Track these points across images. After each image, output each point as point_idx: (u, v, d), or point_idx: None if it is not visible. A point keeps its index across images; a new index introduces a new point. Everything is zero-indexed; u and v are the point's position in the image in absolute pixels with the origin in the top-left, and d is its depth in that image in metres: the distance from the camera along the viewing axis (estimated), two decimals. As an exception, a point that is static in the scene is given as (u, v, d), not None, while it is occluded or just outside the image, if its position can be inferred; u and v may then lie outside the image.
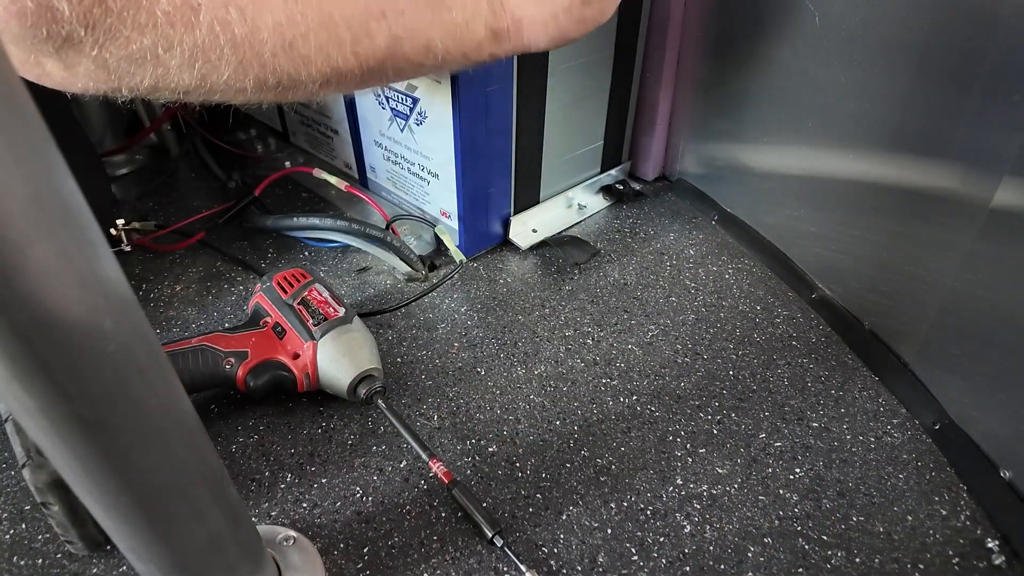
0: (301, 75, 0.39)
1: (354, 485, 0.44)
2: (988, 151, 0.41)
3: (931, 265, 0.47)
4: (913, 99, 0.46)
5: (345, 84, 0.41)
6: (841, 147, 0.54)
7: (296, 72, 0.38)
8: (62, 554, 0.40)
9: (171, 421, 0.23)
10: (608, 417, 0.49)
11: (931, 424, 0.48)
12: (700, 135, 0.71)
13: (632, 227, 0.70)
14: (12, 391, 0.18)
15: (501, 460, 0.46)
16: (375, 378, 0.48)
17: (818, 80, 0.54)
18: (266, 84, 0.38)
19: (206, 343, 0.47)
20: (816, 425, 0.49)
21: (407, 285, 0.62)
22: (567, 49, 0.60)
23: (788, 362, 0.54)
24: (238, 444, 0.47)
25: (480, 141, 0.57)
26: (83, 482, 0.22)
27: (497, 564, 0.40)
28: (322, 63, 0.39)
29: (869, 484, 0.44)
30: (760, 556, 0.40)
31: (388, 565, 0.40)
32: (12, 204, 0.15)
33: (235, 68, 0.37)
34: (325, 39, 0.38)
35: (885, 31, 0.47)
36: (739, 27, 0.61)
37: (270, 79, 0.38)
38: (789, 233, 0.62)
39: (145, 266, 0.64)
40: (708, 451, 0.47)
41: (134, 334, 0.20)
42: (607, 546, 0.41)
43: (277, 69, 0.38)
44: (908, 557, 0.40)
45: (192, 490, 0.25)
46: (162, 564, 0.26)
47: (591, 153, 0.72)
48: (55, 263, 0.17)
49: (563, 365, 0.54)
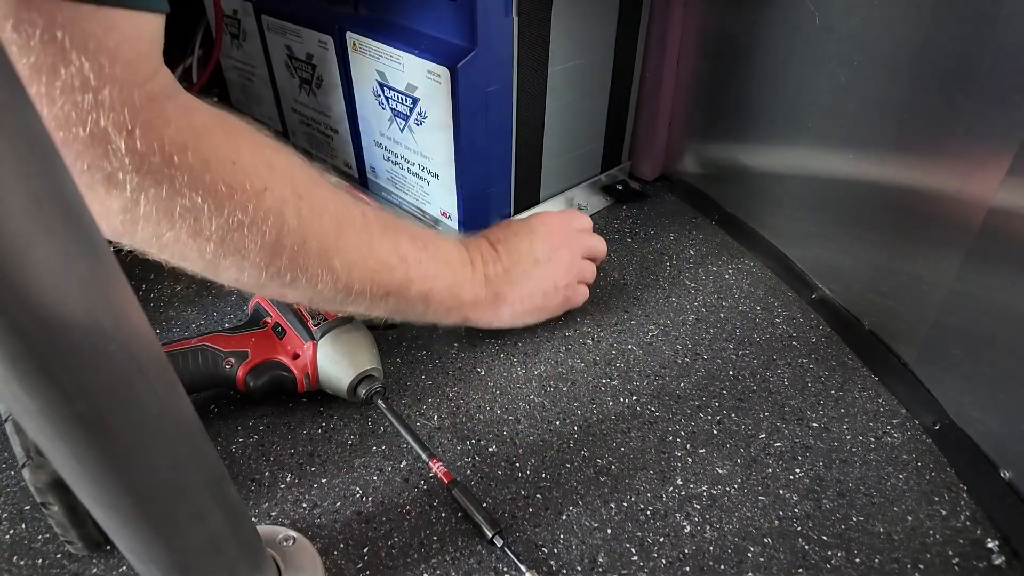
0: (318, 283, 0.39)
1: (354, 485, 0.44)
2: (987, 151, 0.41)
3: (931, 265, 0.47)
4: (913, 99, 0.46)
5: (350, 300, 0.42)
6: (841, 147, 0.54)
7: (314, 278, 0.39)
8: (62, 554, 0.40)
9: (171, 421, 0.23)
10: (608, 417, 0.49)
11: (931, 424, 0.48)
12: (700, 135, 0.71)
13: (632, 227, 0.70)
14: (12, 391, 0.18)
15: (501, 460, 0.46)
16: (375, 378, 0.48)
17: (818, 80, 0.54)
18: (279, 277, 0.38)
19: (206, 343, 0.47)
20: (816, 425, 0.49)
21: (407, 285, 0.62)
22: (567, 49, 0.60)
23: (788, 362, 0.54)
24: (238, 444, 0.47)
25: (480, 141, 0.57)
26: (83, 482, 0.22)
27: (497, 564, 0.40)
28: (342, 278, 0.40)
29: (869, 484, 0.44)
30: (760, 556, 0.40)
31: (388, 565, 0.40)
32: (12, 204, 0.15)
33: (263, 255, 0.36)
34: (358, 259, 0.40)
35: (885, 31, 0.47)
36: (739, 27, 0.61)
37: (287, 276, 0.38)
38: (789, 233, 0.62)
39: (145, 266, 0.63)
40: (708, 451, 0.47)
41: (134, 334, 0.20)
42: (607, 546, 0.41)
43: (300, 269, 0.38)
44: (908, 557, 0.40)
45: (192, 490, 0.25)
46: (162, 564, 0.26)
47: (591, 153, 0.72)
48: (55, 263, 0.17)
49: (563, 365, 0.54)
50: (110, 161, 0.30)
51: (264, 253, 0.36)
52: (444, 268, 0.46)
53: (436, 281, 0.45)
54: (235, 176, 0.34)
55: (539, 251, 0.52)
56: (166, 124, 0.31)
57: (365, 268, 0.41)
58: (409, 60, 0.55)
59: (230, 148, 0.34)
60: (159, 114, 0.31)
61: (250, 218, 0.35)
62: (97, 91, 0.28)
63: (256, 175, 0.35)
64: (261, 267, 0.37)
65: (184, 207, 0.33)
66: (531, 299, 0.52)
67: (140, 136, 0.30)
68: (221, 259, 0.36)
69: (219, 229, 0.34)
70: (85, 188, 0.31)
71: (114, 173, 0.30)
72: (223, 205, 0.34)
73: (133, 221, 0.33)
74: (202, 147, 0.33)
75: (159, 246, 0.34)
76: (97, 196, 0.31)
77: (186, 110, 0.33)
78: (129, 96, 0.30)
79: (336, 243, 0.39)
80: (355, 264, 0.40)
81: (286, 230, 0.36)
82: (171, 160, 0.31)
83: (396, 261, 0.43)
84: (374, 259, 0.41)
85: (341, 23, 0.59)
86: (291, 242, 0.37)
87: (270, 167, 0.36)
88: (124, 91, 0.29)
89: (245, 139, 0.36)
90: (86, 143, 0.29)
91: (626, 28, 0.66)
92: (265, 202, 0.35)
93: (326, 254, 0.39)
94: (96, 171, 0.30)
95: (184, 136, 0.32)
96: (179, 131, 0.32)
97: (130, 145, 0.30)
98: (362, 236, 0.41)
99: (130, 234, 0.34)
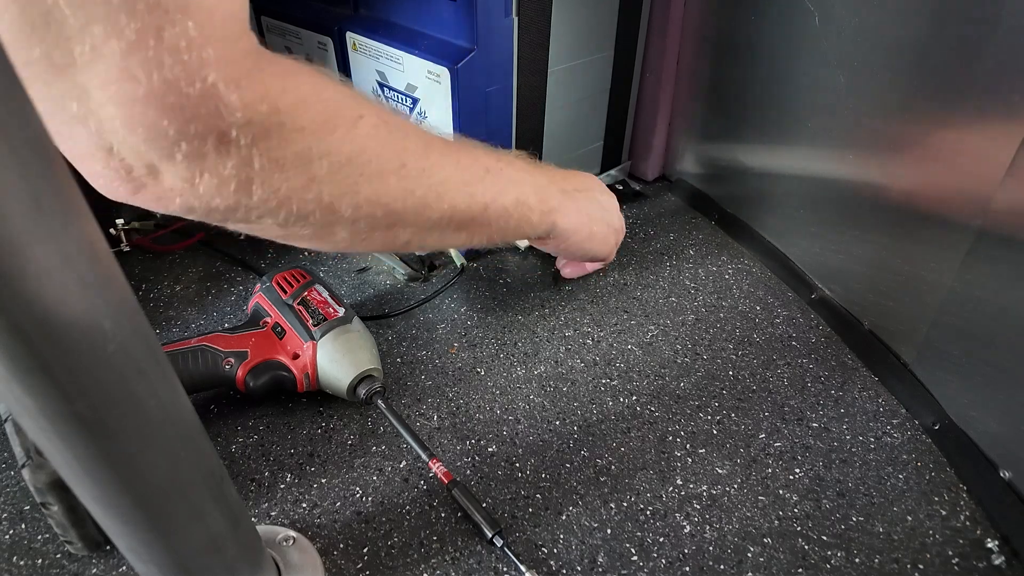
0: (424, 209, 0.39)
1: (354, 485, 0.44)
2: (988, 151, 0.41)
3: (931, 265, 0.47)
4: (912, 99, 0.46)
5: (455, 225, 0.42)
6: (841, 148, 0.54)
7: (421, 205, 0.39)
8: (62, 554, 0.40)
9: (171, 421, 0.23)
10: (608, 417, 0.49)
11: (931, 424, 0.48)
12: (700, 135, 0.71)
13: (632, 227, 0.70)
14: (12, 391, 0.18)
15: (501, 460, 0.46)
16: (375, 378, 0.48)
17: (818, 80, 0.54)
18: (390, 213, 0.38)
19: (206, 343, 0.47)
20: (816, 425, 0.49)
21: (407, 286, 0.62)
22: (567, 49, 0.60)
23: (788, 362, 0.54)
24: (238, 444, 0.47)
25: (480, 141, 0.57)
26: (83, 482, 0.22)
27: (497, 564, 0.40)
28: (444, 198, 0.40)
29: (869, 484, 0.44)
30: (760, 556, 0.40)
31: (388, 565, 0.40)
32: (12, 204, 0.15)
33: (373, 186, 0.36)
34: (451, 173, 0.40)
35: (885, 31, 0.47)
36: (739, 27, 0.61)
37: (398, 205, 0.38)
38: (789, 233, 0.62)
39: (145, 266, 0.64)
40: (708, 451, 0.47)
41: (134, 334, 0.20)
42: (607, 546, 0.41)
43: (408, 194, 0.38)
44: (908, 557, 0.40)
45: (192, 490, 0.25)
46: (162, 564, 0.26)
47: (591, 153, 0.72)
48: (55, 263, 0.17)
49: (563, 365, 0.54)
50: (222, 117, 0.30)
51: (373, 183, 0.36)
52: (526, 175, 0.46)
53: (524, 186, 0.45)
54: (331, 109, 0.34)
55: (598, 193, 0.54)
56: (263, 71, 0.32)
57: (460, 182, 0.41)
58: (409, 60, 0.55)
59: (319, 84, 0.34)
60: (256, 64, 0.31)
61: (355, 148, 0.35)
62: (202, 48, 0.29)
63: (347, 106, 0.35)
64: (373, 201, 0.36)
65: (295, 153, 0.33)
66: (599, 224, 0.52)
67: (246, 87, 0.30)
68: (337, 202, 0.35)
69: (330, 168, 0.34)
70: (198, 156, 0.30)
71: (227, 130, 0.30)
72: (328, 140, 0.34)
73: (248, 182, 0.32)
74: (298, 88, 0.33)
75: (276, 204, 0.34)
76: (210, 162, 0.31)
77: (272, 59, 0.33)
78: (231, 51, 0.30)
79: (428, 160, 0.39)
80: (450, 179, 0.40)
81: (386, 154, 0.36)
82: (276, 106, 0.32)
83: (483, 171, 0.42)
84: (464, 172, 0.41)
85: (341, 24, 0.59)
86: (392, 166, 0.37)
87: (354, 97, 0.36)
88: (226, 47, 0.30)
89: (323, 76, 0.36)
90: (198, 102, 0.29)
91: (626, 28, 0.66)
92: (362, 129, 0.35)
93: (424, 173, 0.38)
94: (210, 131, 0.30)
95: (281, 80, 0.32)
96: (275, 76, 0.32)
97: (240, 97, 0.30)
98: (447, 151, 0.40)
99: (246, 199, 0.33)
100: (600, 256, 0.56)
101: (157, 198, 0.32)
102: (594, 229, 0.52)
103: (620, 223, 0.56)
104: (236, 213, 0.34)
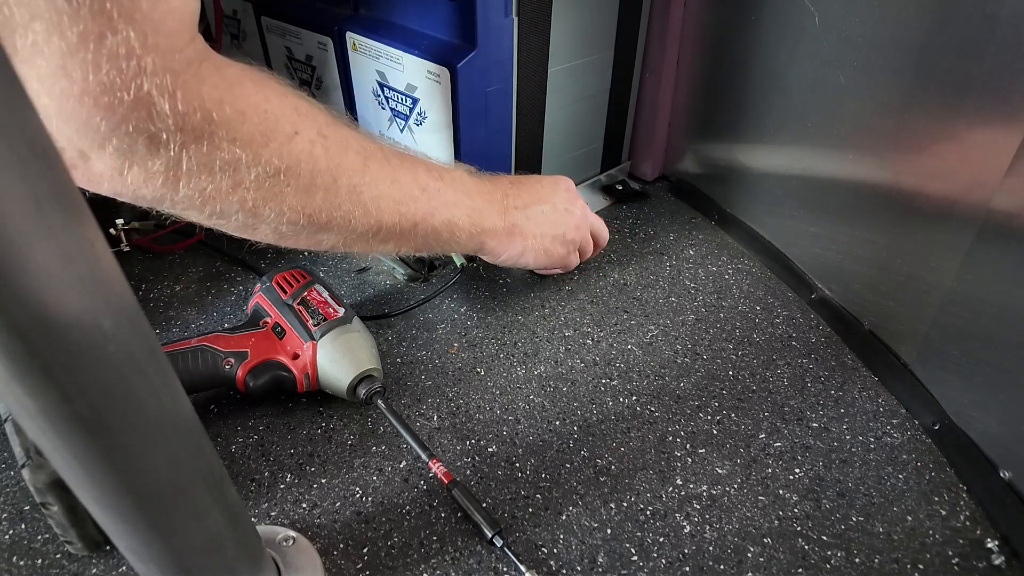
0: (351, 220, 0.41)
1: (354, 485, 0.44)
2: (987, 151, 0.41)
3: (931, 265, 0.47)
4: (912, 99, 0.46)
5: (380, 237, 0.43)
6: (841, 147, 0.54)
7: (347, 216, 0.40)
8: (61, 554, 0.40)
9: (170, 421, 0.23)
10: (608, 417, 0.49)
11: (931, 424, 0.48)
12: (700, 135, 0.71)
13: (632, 227, 0.70)
14: (12, 391, 0.18)
15: (501, 460, 0.46)
16: (375, 378, 0.48)
17: (818, 80, 0.54)
18: (315, 220, 0.39)
19: (206, 343, 0.47)
20: (816, 425, 0.49)
21: (406, 286, 0.62)
22: (567, 49, 0.60)
23: (788, 362, 0.54)
24: (238, 444, 0.47)
25: (480, 141, 0.57)
26: (82, 482, 0.22)
27: (497, 564, 0.40)
28: (372, 213, 0.41)
29: (869, 484, 0.44)
30: (760, 556, 0.40)
31: (388, 565, 0.40)
32: (12, 204, 0.15)
33: (299, 198, 0.38)
34: (384, 190, 0.42)
35: (885, 31, 0.47)
36: (739, 27, 0.61)
37: (323, 217, 0.39)
38: (789, 233, 0.62)
39: (145, 266, 0.64)
40: (708, 451, 0.47)
41: (134, 334, 0.20)
42: (607, 546, 0.41)
43: (334, 208, 0.39)
44: (908, 557, 0.40)
45: (191, 490, 0.25)
46: (161, 564, 0.26)
47: (591, 153, 0.72)
48: (55, 263, 0.17)
49: (563, 365, 0.54)
50: (154, 123, 0.31)
51: (299, 195, 0.38)
52: (463, 197, 0.47)
53: (457, 208, 0.47)
54: (268, 123, 0.35)
55: (557, 199, 0.54)
56: (203, 83, 0.33)
57: (391, 200, 0.42)
58: (409, 60, 0.55)
59: (261, 97, 0.36)
60: (196, 74, 0.32)
61: (285, 163, 0.36)
62: (141, 58, 0.30)
63: (286, 120, 0.36)
64: (298, 210, 0.38)
65: (224, 160, 0.34)
66: (543, 239, 0.53)
67: (181, 98, 0.31)
68: (260, 208, 0.37)
69: (257, 177, 0.35)
70: (128, 152, 0.32)
71: (157, 134, 0.32)
72: (260, 153, 0.35)
73: (175, 179, 0.34)
74: (237, 100, 0.34)
75: (201, 201, 0.35)
76: (139, 158, 0.32)
77: (218, 67, 0.34)
78: (170, 62, 0.31)
79: (363, 178, 0.40)
80: (383, 196, 0.42)
81: (318, 170, 0.38)
82: (210, 116, 0.33)
83: (418, 191, 0.44)
84: (398, 190, 0.43)
85: (341, 23, 0.59)
86: (323, 181, 0.38)
87: (296, 111, 0.37)
88: (165, 58, 0.31)
89: (271, 87, 0.37)
90: (131, 107, 0.30)
91: (626, 28, 0.66)
92: (297, 145, 0.37)
93: (355, 190, 0.40)
94: (140, 133, 0.31)
95: (220, 92, 0.33)
96: (215, 87, 0.33)
97: (172, 106, 0.31)
98: (384, 169, 0.42)
99: (172, 194, 0.35)
100: (546, 267, 0.57)
101: (87, 180, 0.34)
102: (534, 244, 0.53)
103: (577, 233, 0.56)
104: (162, 204, 0.35)
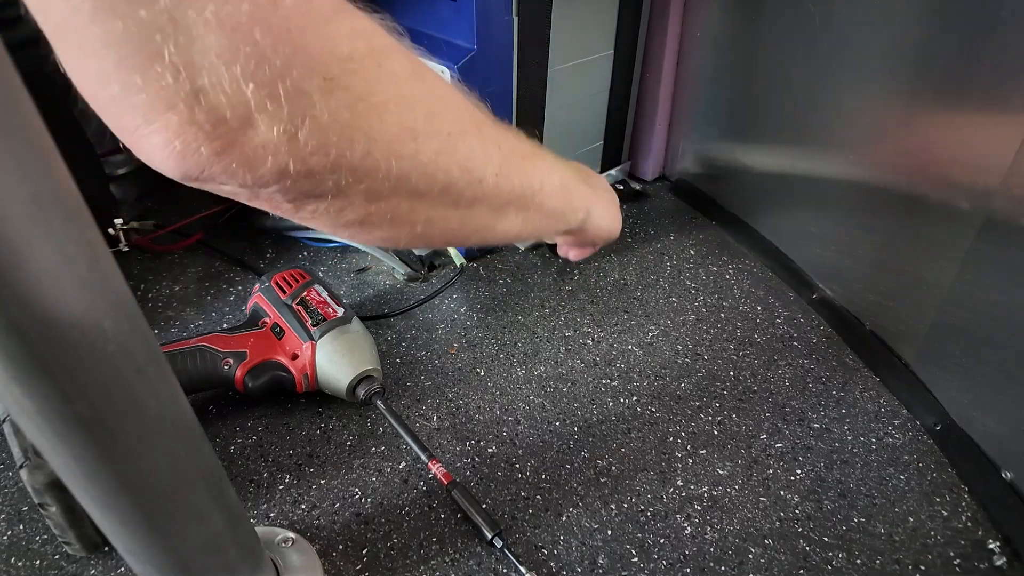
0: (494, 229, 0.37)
1: (353, 486, 0.44)
2: (987, 152, 0.41)
3: (931, 265, 0.47)
4: (913, 99, 0.46)
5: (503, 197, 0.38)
6: (841, 147, 0.54)
7: (477, 175, 0.35)
8: (60, 555, 0.40)
9: (169, 422, 0.23)
10: (608, 418, 0.49)
11: (932, 425, 0.48)
12: (700, 135, 0.71)
13: (632, 227, 0.70)
14: (11, 391, 0.18)
15: (501, 461, 0.46)
16: (374, 379, 0.48)
17: (818, 80, 0.54)
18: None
19: (205, 343, 0.47)
20: (817, 426, 0.48)
21: (406, 286, 0.62)
22: (567, 49, 0.60)
23: (789, 363, 0.54)
24: (236, 445, 0.47)
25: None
26: (81, 483, 0.22)
27: (497, 566, 0.40)
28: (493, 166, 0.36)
29: (870, 485, 0.44)
30: (761, 557, 0.40)
31: (387, 566, 0.40)
32: (12, 204, 0.15)
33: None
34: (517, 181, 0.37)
35: (885, 32, 0.47)
36: (739, 27, 0.61)
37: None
38: (789, 233, 0.62)
39: (144, 266, 0.63)
40: (709, 452, 0.46)
41: (133, 334, 0.20)
42: (607, 547, 0.41)
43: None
44: (909, 558, 0.40)
45: (190, 491, 0.25)
46: (160, 565, 0.26)
47: (591, 153, 0.72)
48: (55, 263, 0.17)
49: (563, 366, 0.53)
50: (333, 55, 0.27)
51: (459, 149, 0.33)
52: (556, 160, 0.42)
53: (564, 170, 0.42)
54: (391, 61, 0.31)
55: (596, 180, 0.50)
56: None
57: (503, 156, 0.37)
58: (409, 60, 0.55)
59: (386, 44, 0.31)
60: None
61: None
62: None
63: (403, 66, 0.32)
64: (464, 167, 0.33)
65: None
66: (612, 205, 0.49)
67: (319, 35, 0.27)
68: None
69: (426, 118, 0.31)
70: (300, 96, 0.27)
71: (333, 66, 0.27)
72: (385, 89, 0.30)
73: (348, 131, 0.28)
74: (373, 43, 0.30)
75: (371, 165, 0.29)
76: (314, 106, 0.27)
77: None
78: None
79: (477, 136, 0.35)
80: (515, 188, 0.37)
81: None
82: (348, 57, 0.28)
83: (530, 148, 0.39)
84: (509, 146, 0.37)
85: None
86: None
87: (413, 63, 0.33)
88: None
89: None
90: (307, 36, 0.26)
91: (626, 28, 0.65)
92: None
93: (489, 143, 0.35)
94: (314, 71, 0.27)
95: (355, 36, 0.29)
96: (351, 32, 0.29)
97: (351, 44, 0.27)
98: (489, 128, 0.36)
99: (349, 153, 0.29)
100: (616, 235, 0.52)
101: (245, 159, 0.27)
102: (612, 210, 0.49)
103: None
104: (334, 175, 0.29)
